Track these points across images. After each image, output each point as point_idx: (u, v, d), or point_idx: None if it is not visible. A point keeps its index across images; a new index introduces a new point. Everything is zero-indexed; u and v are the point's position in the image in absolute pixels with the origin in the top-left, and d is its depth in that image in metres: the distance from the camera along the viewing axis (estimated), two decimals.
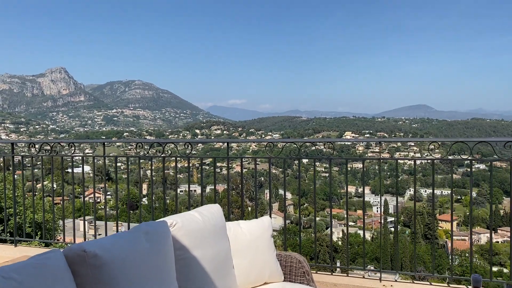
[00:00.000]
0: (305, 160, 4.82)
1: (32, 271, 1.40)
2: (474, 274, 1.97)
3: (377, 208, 51.53)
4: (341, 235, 35.49)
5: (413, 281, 4.31)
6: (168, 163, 5.03)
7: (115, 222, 7.13)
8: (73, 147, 5.13)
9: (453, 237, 5.01)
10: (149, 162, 5.13)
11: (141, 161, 5.20)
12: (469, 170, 4.18)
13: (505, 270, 30.86)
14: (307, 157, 4.85)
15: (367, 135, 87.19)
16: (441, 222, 44.60)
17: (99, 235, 6.95)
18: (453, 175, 5.39)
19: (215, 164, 5.30)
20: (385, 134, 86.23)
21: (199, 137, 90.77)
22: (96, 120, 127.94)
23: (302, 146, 4.48)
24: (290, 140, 4.66)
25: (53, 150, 5.19)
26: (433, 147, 4.25)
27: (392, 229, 39.69)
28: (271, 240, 2.89)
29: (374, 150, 62.51)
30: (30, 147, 5.27)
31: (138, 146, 4.92)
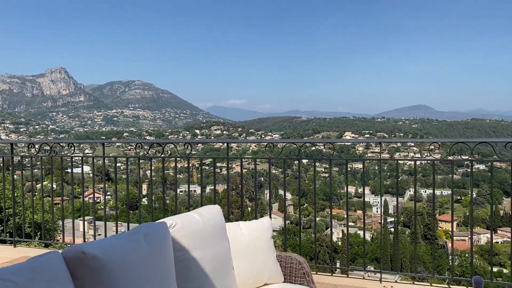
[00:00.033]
0: (305, 161, 4.81)
1: (30, 273, 1.39)
2: (476, 276, 1.95)
3: (377, 208, 51.56)
4: (341, 235, 35.48)
5: (413, 282, 4.29)
6: (167, 163, 5.02)
7: (115, 222, 7.11)
8: (73, 148, 5.12)
9: (453, 238, 4.98)
10: (149, 163, 5.13)
11: (141, 161, 5.19)
12: (469, 170, 4.17)
13: (505, 271, 30.86)
14: (307, 158, 4.84)
15: (367, 135, 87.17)
16: (441, 222, 44.59)
17: (99, 235, 6.95)
18: (453, 176, 5.36)
19: (215, 164, 5.29)
20: (385, 135, 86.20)
21: (199, 137, 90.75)
22: (96, 120, 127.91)
23: (302, 147, 4.47)
24: (290, 141, 4.66)
25: (53, 151, 5.18)
26: (433, 147, 4.24)
27: (392, 229, 39.71)
28: (271, 241, 2.88)
29: (374, 150, 62.52)
30: (30, 147, 5.26)
31: (137, 147, 4.91)
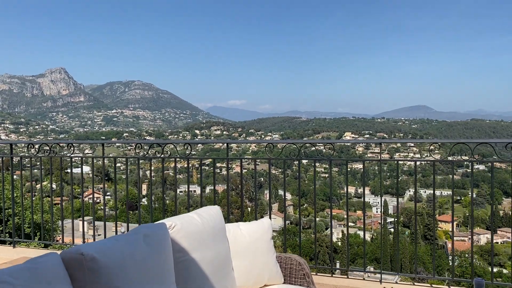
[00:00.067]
0: (304, 161, 4.80)
1: (28, 275, 1.37)
2: (477, 278, 1.94)
3: (377, 208, 51.58)
4: (341, 235, 35.48)
5: (414, 283, 4.28)
6: (167, 163, 5.01)
7: (114, 222, 7.10)
8: (72, 148, 5.11)
9: (453, 239, 4.97)
10: (149, 163, 5.11)
11: (141, 161, 5.18)
12: (469, 170, 4.16)
13: (504, 271, 30.86)
14: (307, 158, 4.83)
15: (367, 135, 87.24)
16: (441, 222, 44.60)
17: (99, 235, 6.94)
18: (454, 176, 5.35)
19: (215, 165, 5.28)
20: (385, 135, 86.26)
21: (199, 137, 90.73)
22: (95, 120, 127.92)
23: (302, 147, 4.46)
24: (290, 141, 4.65)
25: (52, 151, 5.17)
26: (433, 147, 4.24)
27: (391, 229, 39.71)
28: (271, 242, 2.87)
29: (373, 150, 62.53)
30: (29, 147, 5.25)
31: (137, 147, 4.90)
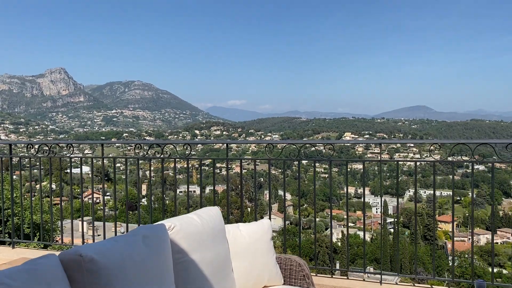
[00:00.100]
0: (304, 161, 4.79)
1: (26, 276, 1.36)
2: (478, 280, 1.93)
3: (377, 209, 51.58)
4: (340, 236, 35.49)
5: (414, 284, 4.28)
6: (167, 163, 5.00)
7: (114, 222, 7.10)
8: (71, 148, 5.10)
9: (453, 240, 4.96)
10: (148, 163, 5.10)
11: (140, 162, 5.17)
12: (468, 171, 4.16)
13: (504, 271, 30.86)
14: (307, 159, 4.82)
15: (367, 136, 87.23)
16: (440, 223, 44.60)
17: (98, 235, 6.93)
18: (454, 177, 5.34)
19: (214, 165, 5.27)
20: (385, 135, 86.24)
21: (199, 137, 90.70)
22: (95, 120, 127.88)
23: (302, 147, 4.45)
24: (289, 142, 4.64)
25: (51, 151, 5.16)
26: (433, 148, 4.23)
27: (391, 230, 39.70)
28: (271, 243, 2.86)
29: (373, 151, 62.53)
30: (29, 148, 5.24)
31: (136, 147, 4.89)
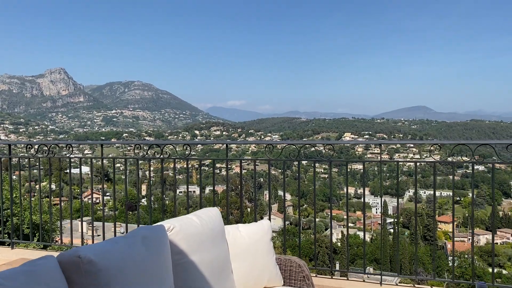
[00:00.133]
0: (304, 161, 4.78)
1: (24, 278, 1.35)
2: (479, 282, 1.92)
3: (376, 209, 51.59)
4: (340, 236, 35.49)
5: (414, 285, 4.26)
6: (167, 164, 4.99)
7: (113, 223, 7.09)
8: (71, 149, 5.09)
9: (454, 240, 4.95)
10: (148, 163, 5.09)
11: (140, 162, 5.16)
12: (468, 171, 4.16)
13: (504, 272, 30.86)
14: (307, 159, 4.81)
15: (366, 136, 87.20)
16: (440, 223, 44.61)
17: (98, 236, 6.91)
18: (454, 177, 5.33)
19: (214, 165, 5.26)
20: (385, 136, 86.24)
21: (199, 138, 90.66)
22: (95, 120, 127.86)
23: (302, 148, 4.44)
24: (289, 142, 4.63)
25: (51, 151, 5.15)
26: (433, 148, 4.22)
27: (391, 230, 39.70)
28: (271, 243, 2.85)
29: (373, 151, 62.52)
30: (28, 148, 5.23)
31: (136, 147, 4.88)
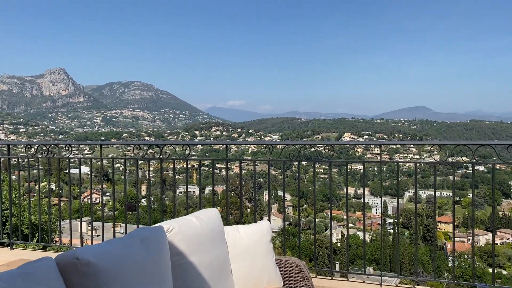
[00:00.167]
0: (304, 162, 4.77)
1: (22, 280, 1.34)
2: (480, 284, 1.91)
3: (376, 209, 51.59)
4: (340, 236, 35.49)
5: (414, 285, 4.25)
6: (166, 164, 4.98)
7: (113, 223, 7.08)
8: (70, 149, 5.08)
9: (454, 240, 4.94)
10: (147, 164, 5.08)
11: (140, 162, 5.15)
12: (467, 171, 4.15)
13: (504, 272, 30.85)
14: (307, 159, 4.80)
15: (366, 136, 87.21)
16: (440, 223, 44.62)
17: (97, 236, 6.90)
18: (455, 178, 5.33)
19: (214, 166, 5.25)
20: (384, 136, 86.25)
21: (198, 138, 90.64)
22: (95, 121, 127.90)
23: (302, 148, 4.43)
24: (289, 143, 4.62)
25: (50, 152, 5.13)
26: (432, 149, 4.21)
27: (391, 230, 39.70)
28: (270, 244, 2.84)
29: (373, 151, 62.49)
30: (28, 148, 5.21)
31: (135, 148, 4.87)
